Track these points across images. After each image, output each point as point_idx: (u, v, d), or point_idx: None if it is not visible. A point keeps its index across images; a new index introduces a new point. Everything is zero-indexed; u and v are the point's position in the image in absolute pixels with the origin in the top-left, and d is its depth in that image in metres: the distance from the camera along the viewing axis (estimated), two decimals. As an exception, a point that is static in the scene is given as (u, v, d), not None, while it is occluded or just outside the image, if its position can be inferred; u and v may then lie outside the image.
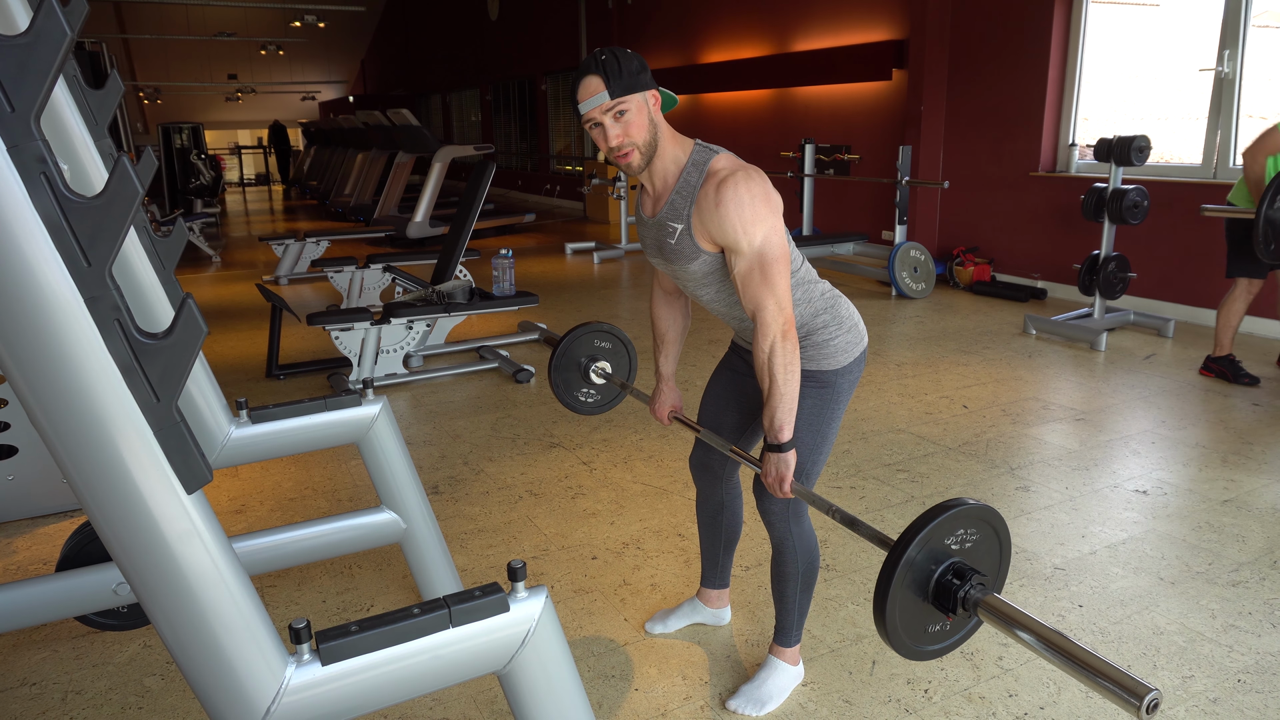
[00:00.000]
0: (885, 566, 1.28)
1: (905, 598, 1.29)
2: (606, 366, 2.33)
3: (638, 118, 1.67)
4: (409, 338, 4.68)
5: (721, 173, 1.68)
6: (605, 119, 1.66)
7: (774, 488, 1.76)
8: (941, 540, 1.30)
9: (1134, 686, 1.09)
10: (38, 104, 0.87)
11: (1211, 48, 5.51)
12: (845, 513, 1.56)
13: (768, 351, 1.69)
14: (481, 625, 1.23)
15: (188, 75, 24.53)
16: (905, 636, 1.31)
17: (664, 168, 1.75)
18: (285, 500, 3.27)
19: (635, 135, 1.69)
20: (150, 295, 1.94)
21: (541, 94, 14.94)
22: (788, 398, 1.71)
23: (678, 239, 1.75)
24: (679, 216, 1.74)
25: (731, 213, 1.65)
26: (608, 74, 1.63)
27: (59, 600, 1.99)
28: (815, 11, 8.48)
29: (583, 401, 2.36)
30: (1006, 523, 1.35)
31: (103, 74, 9.06)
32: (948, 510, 1.29)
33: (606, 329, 2.32)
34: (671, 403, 2.18)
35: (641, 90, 1.67)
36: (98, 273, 0.94)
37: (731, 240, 1.68)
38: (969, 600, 1.28)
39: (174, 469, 1.03)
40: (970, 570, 1.30)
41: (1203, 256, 5.58)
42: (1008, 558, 1.38)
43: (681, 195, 1.73)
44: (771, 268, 1.67)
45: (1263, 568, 2.61)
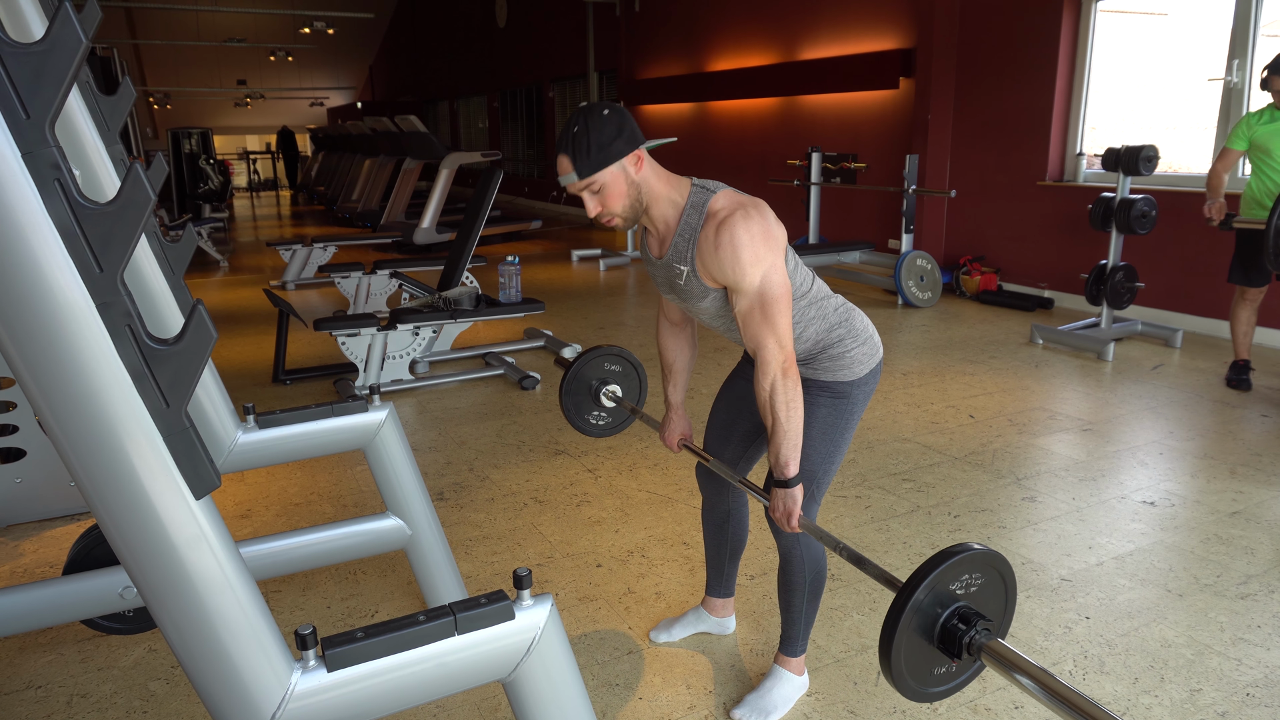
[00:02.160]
0: (892, 611, 1.30)
1: (911, 640, 1.31)
2: (617, 390, 2.34)
3: (613, 188, 1.68)
4: (415, 344, 4.69)
5: (720, 214, 1.68)
6: (582, 193, 1.69)
7: (781, 523, 1.77)
8: (947, 585, 1.32)
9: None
10: (52, 111, 0.88)
11: (1220, 57, 5.51)
12: (852, 550, 1.58)
13: (769, 390, 1.70)
14: (487, 633, 1.23)
15: (197, 80, 24.67)
16: (910, 679, 1.33)
17: (662, 213, 1.75)
18: (291, 505, 3.28)
19: (612, 205, 1.70)
20: (160, 301, 1.95)
21: (549, 101, 14.99)
22: (792, 435, 1.72)
23: (685, 280, 1.77)
24: (684, 259, 1.75)
25: (729, 256, 1.66)
26: (575, 154, 1.64)
27: (65, 603, 1.99)
28: (822, 20, 8.49)
29: (593, 424, 2.38)
30: (1013, 567, 1.37)
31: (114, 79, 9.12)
32: (954, 555, 1.30)
33: (616, 352, 2.33)
34: (681, 430, 2.18)
35: (614, 161, 1.65)
36: (110, 279, 0.94)
37: (731, 281, 1.69)
38: (974, 645, 1.30)
39: (183, 474, 1.04)
40: (975, 615, 1.32)
41: (1211, 267, 5.56)
42: (1013, 602, 1.40)
43: (683, 238, 1.74)
44: (772, 307, 1.68)
45: (1271, 580, 2.60)
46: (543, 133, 15.51)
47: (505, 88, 16.78)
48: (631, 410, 2.32)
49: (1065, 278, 6.48)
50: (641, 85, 11.67)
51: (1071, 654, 2.25)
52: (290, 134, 21.41)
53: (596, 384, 2.33)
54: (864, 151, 8.12)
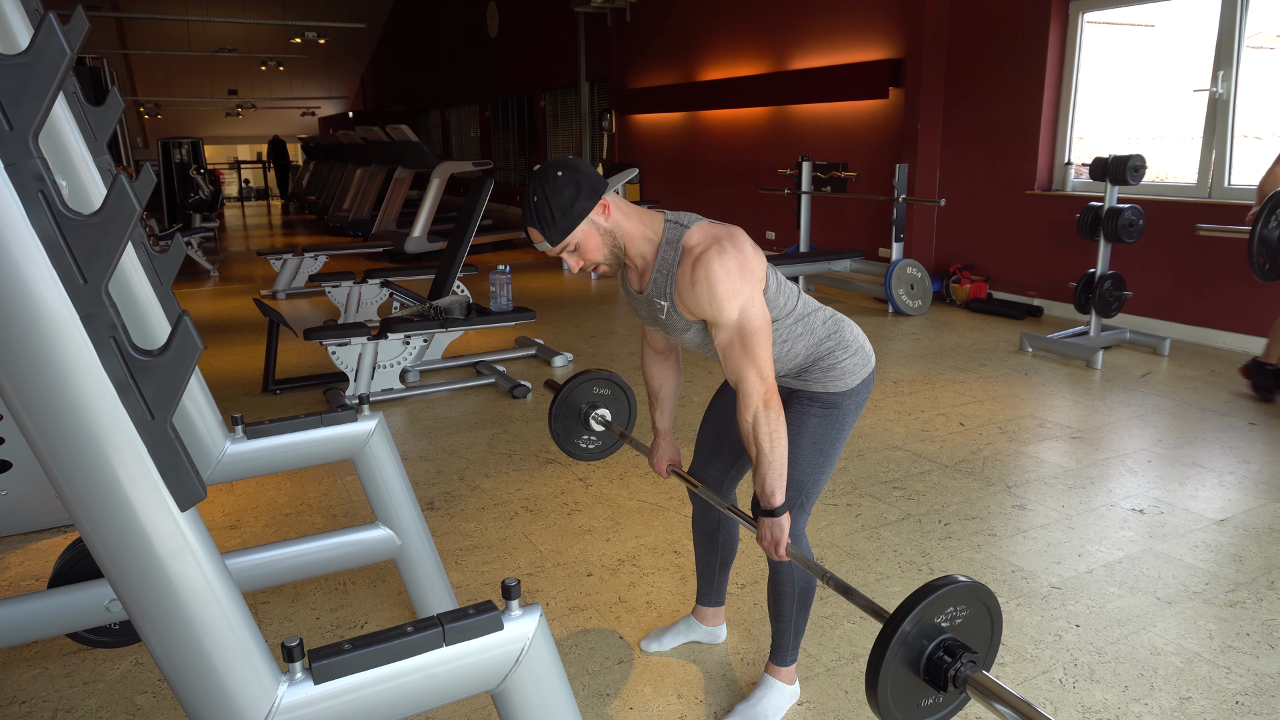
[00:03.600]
0: (878, 642, 1.32)
1: (898, 672, 1.33)
2: (606, 414, 2.35)
3: (588, 243, 1.70)
4: (406, 353, 4.68)
5: (696, 249, 1.69)
6: (561, 255, 1.71)
7: (769, 551, 1.78)
8: (933, 617, 1.33)
9: None
10: (36, 122, 0.88)
11: (1206, 68, 5.56)
12: (840, 580, 1.59)
13: (751, 421, 1.71)
14: (475, 644, 1.22)
15: (188, 90, 24.64)
16: (897, 711, 1.34)
17: (639, 250, 1.76)
18: (280, 516, 3.26)
19: (592, 257, 1.72)
20: (147, 311, 1.94)
21: (540, 110, 15.01)
22: (776, 465, 1.72)
23: (667, 315, 1.79)
24: (663, 294, 1.77)
25: (705, 292, 1.67)
26: (542, 225, 1.65)
27: (51, 617, 1.97)
28: (812, 30, 8.54)
29: (583, 448, 2.38)
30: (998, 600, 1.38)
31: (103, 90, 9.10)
32: (940, 588, 1.32)
33: (605, 376, 2.34)
34: (669, 457, 2.19)
35: (580, 220, 1.66)
36: (94, 290, 0.94)
37: (710, 316, 1.70)
38: (959, 677, 1.31)
39: (168, 486, 1.03)
40: (961, 647, 1.33)
41: (1198, 275, 5.60)
42: (999, 634, 1.41)
43: (661, 274, 1.75)
44: (751, 339, 1.68)
45: (1260, 588, 2.61)
46: (534, 142, 15.53)
47: (497, 97, 16.80)
48: (620, 435, 2.34)
49: (1054, 286, 6.52)
50: (633, 95, 11.70)
51: (1061, 662, 2.26)
52: (281, 143, 21.39)
53: (585, 408, 2.34)
54: (854, 160, 8.16)
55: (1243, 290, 5.37)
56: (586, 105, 13.45)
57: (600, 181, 1.68)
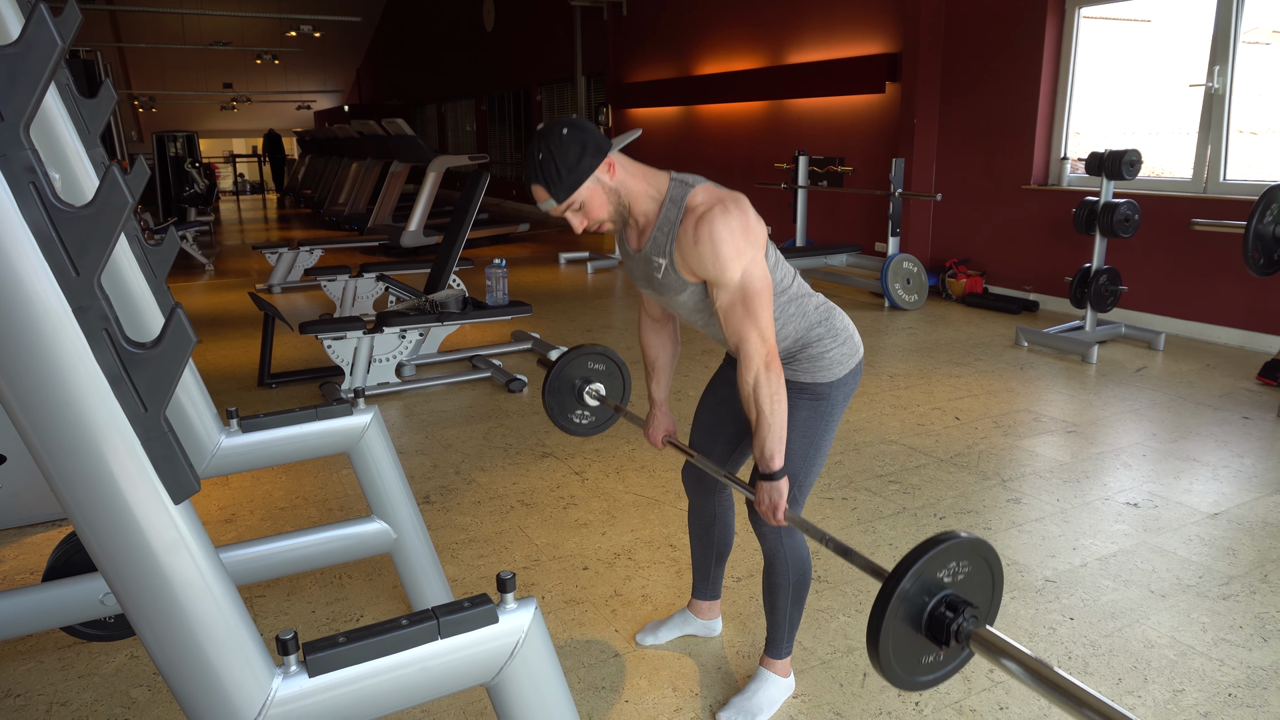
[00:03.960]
0: (879, 599, 1.30)
1: (899, 630, 1.31)
2: (600, 388, 2.34)
3: (593, 201, 1.69)
4: (402, 347, 4.67)
5: (699, 208, 1.68)
6: (565, 214, 1.70)
7: (767, 516, 1.77)
8: (934, 573, 1.32)
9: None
10: (27, 114, 0.87)
11: (1202, 63, 5.56)
12: (839, 542, 1.57)
13: (752, 383, 1.70)
14: (470, 637, 1.23)
15: (183, 84, 24.53)
16: (899, 668, 1.33)
17: (642, 209, 1.75)
18: (276, 509, 3.26)
19: (597, 215, 1.72)
20: (141, 304, 1.94)
21: (536, 104, 14.98)
22: (776, 427, 1.72)
23: (663, 273, 1.77)
24: (662, 252, 1.75)
25: (709, 250, 1.66)
26: (547, 181, 1.64)
27: (45, 610, 1.97)
28: (809, 25, 8.53)
29: (576, 423, 2.37)
30: (999, 555, 1.37)
31: (97, 82, 9.06)
32: (941, 543, 1.30)
33: (600, 351, 2.33)
34: (665, 427, 2.18)
35: (586, 178, 1.66)
36: (86, 282, 0.93)
37: (712, 276, 1.69)
38: (961, 632, 1.30)
39: (161, 479, 1.03)
40: (963, 603, 1.32)
41: (1193, 270, 5.61)
42: (1000, 590, 1.39)
43: (662, 231, 1.74)
44: (753, 300, 1.68)
45: (1253, 581, 2.62)
46: (530, 135, 15.47)
47: (493, 91, 16.76)
48: (615, 408, 2.32)
49: (1050, 281, 6.53)
50: (629, 89, 11.68)
51: (1056, 655, 2.26)
52: (277, 137, 21.31)
53: (580, 383, 2.33)
54: (850, 155, 8.15)
55: (1238, 285, 5.38)
56: (583, 99, 13.42)
57: (605, 140, 1.68)
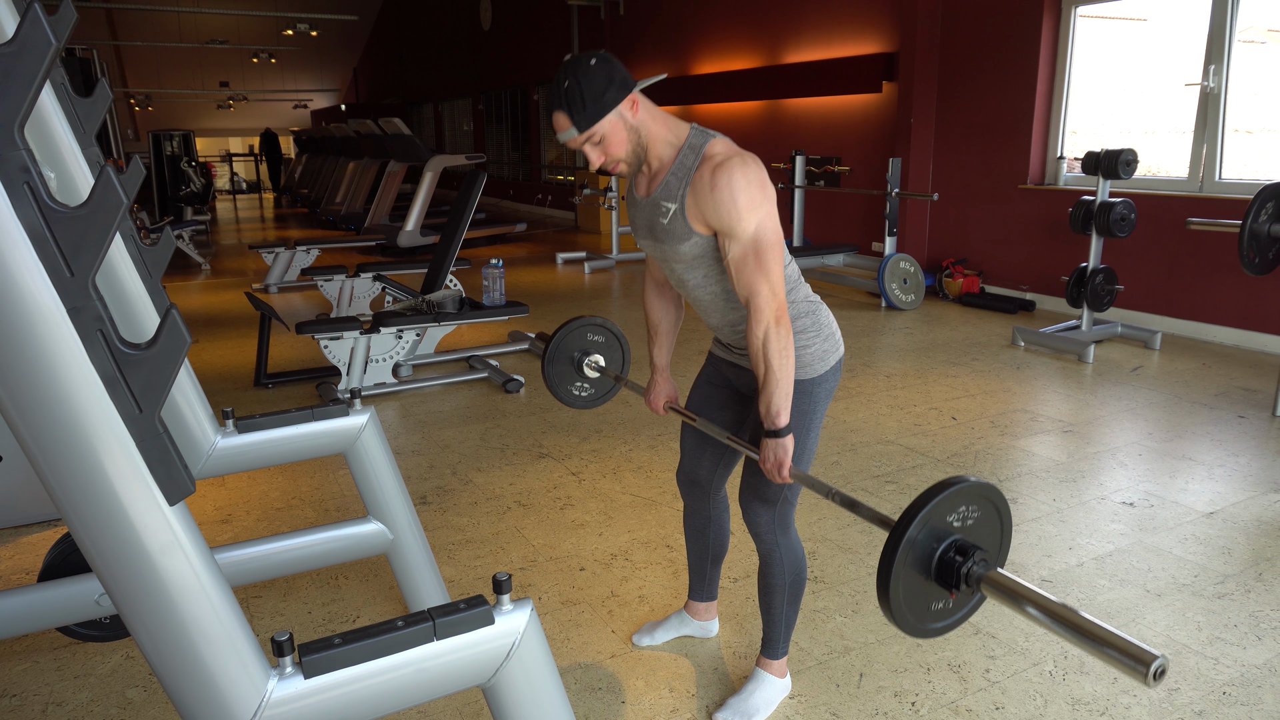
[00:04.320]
0: (888, 545, 1.27)
1: (908, 576, 1.28)
2: (600, 360, 2.32)
3: (613, 136, 1.68)
4: (398, 347, 4.67)
5: (717, 157, 1.68)
6: (583, 147, 1.69)
7: (773, 474, 1.75)
8: (943, 518, 1.29)
9: (1140, 654, 1.09)
10: (21, 113, 0.87)
11: (1198, 62, 5.57)
12: (845, 495, 1.56)
13: (761, 338, 1.69)
14: (466, 638, 1.22)
15: (180, 82, 24.49)
16: (910, 615, 1.30)
17: (658, 152, 1.75)
18: (272, 510, 3.25)
19: (615, 152, 1.71)
20: (136, 304, 1.93)
21: (533, 104, 14.97)
22: (784, 383, 1.71)
23: (670, 219, 1.75)
24: (673, 196, 1.73)
25: (726, 197, 1.65)
26: (571, 108, 1.64)
27: (41, 611, 1.97)
28: (806, 24, 8.53)
29: (576, 395, 2.35)
30: (1007, 499, 1.35)
31: (93, 81, 9.04)
32: (949, 488, 1.28)
33: (599, 322, 2.32)
34: (666, 394, 2.17)
35: (610, 110, 1.65)
36: (81, 283, 0.93)
37: (726, 225, 1.68)
38: (972, 576, 1.28)
39: (156, 480, 1.03)
40: (972, 547, 1.29)
41: (1189, 269, 5.62)
42: (1009, 534, 1.37)
43: (676, 176, 1.73)
44: (766, 254, 1.67)
45: (1248, 580, 2.62)
46: (527, 135, 15.49)
47: (490, 90, 16.75)
48: (616, 378, 2.32)
49: (1047, 280, 6.53)
50: (626, 88, 11.67)
51: (1052, 654, 2.27)
52: (273, 136, 21.28)
53: (579, 355, 2.31)
54: (847, 155, 8.16)
55: (1233, 284, 5.39)
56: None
57: (631, 78, 1.69)
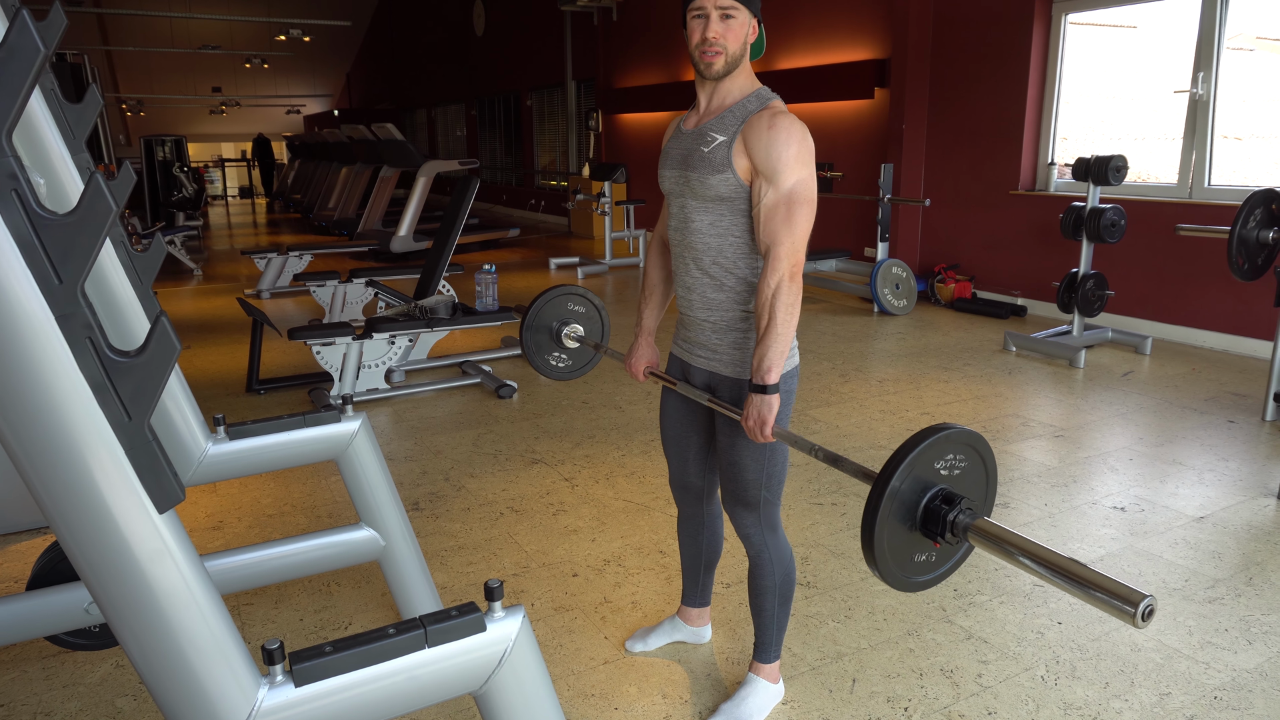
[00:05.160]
0: (871, 495, 1.25)
1: (893, 527, 1.27)
2: (579, 329, 2.32)
3: (739, 29, 1.76)
4: (391, 353, 4.66)
5: (778, 109, 1.77)
6: (714, 13, 1.73)
7: (754, 432, 1.74)
8: (929, 465, 1.28)
9: (1128, 594, 1.09)
10: (9, 120, 0.87)
11: (1186, 70, 5.61)
12: (827, 451, 1.56)
13: (774, 287, 1.71)
14: (457, 645, 1.22)
15: (171, 88, 24.42)
16: (896, 567, 1.29)
17: (729, 88, 1.81)
18: (264, 516, 3.24)
19: (730, 42, 1.76)
20: (127, 310, 1.93)
21: (527, 109, 14.98)
22: (783, 339, 1.72)
23: (714, 148, 1.79)
24: (725, 129, 1.78)
25: (782, 140, 1.71)
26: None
27: (29, 619, 1.95)
28: (798, 31, 8.56)
29: (553, 365, 2.34)
30: (991, 448, 1.34)
31: (84, 86, 9.01)
32: (934, 434, 1.27)
33: (579, 292, 2.31)
34: (648, 359, 2.16)
35: (754, 11, 1.76)
36: (69, 290, 0.93)
37: (771, 168, 1.72)
38: (958, 525, 1.26)
39: (145, 488, 1.02)
40: (958, 496, 1.28)
41: (1179, 275, 5.65)
42: (994, 484, 1.36)
43: (734, 114, 1.79)
44: (798, 210, 1.72)
45: (1238, 584, 2.63)
46: (520, 140, 15.50)
47: (483, 95, 16.75)
48: (595, 347, 2.31)
49: (1038, 285, 6.56)
50: (619, 94, 11.69)
51: (1044, 659, 2.27)
52: (266, 141, 21.25)
53: (558, 325, 2.30)
54: (840, 160, 8.18)
55: (1223, 290, 5.42)
56: (573, 104, 13.43)
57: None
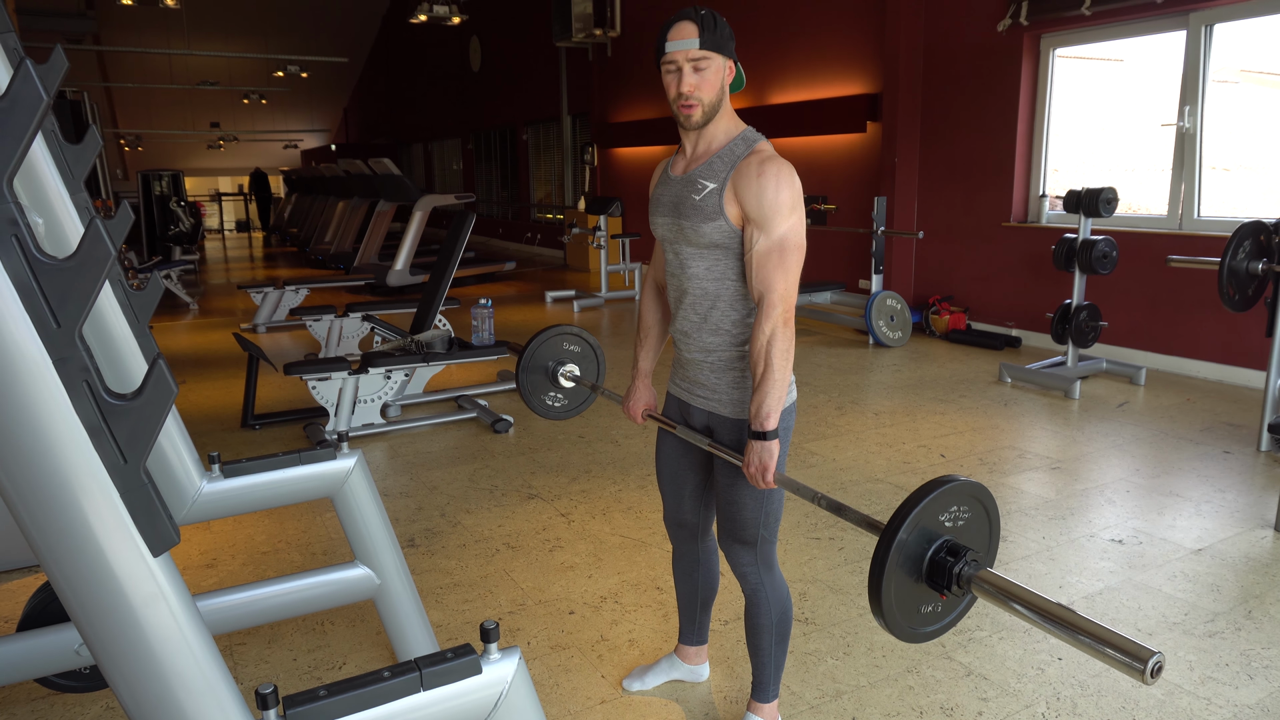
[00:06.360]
0: (879, 548, 1.26)
1: (899, 579, 1.27)
2: (575, 369, 2.32)
3: (713, 77, 1.76)
4: (387, 387, 4.66)
5: (766, 153, 1.77)
6: (686, 66, 1.74)
7: (756, 479, 1.74)
8: (934, 517, 1.28)
9: (1137, 651, 1.07)
10: (11, 167, 0.88)
11: (1173, 102, 5.69)
12: (831, 499, 1.56)
13: (768, 335, 1.72)
14: (453, 688, 1.21)
15: (170, 123, 24.63)
16: (902, 619, 1.29)
17: (713, 133, 1.82)
18: (258, 554, 3.22)
19: (705, 93, 1.76)
20: (123, 349, 1.93)
21: (522, 143, 15.12)
22: (780, 385, 1.72)
23: (704, 196, 1.79)
24: (714, 176, 1.79)
25: (771, 188, 1.72)
26: (703, 26, 1.72)
27: (18, 661, 1.93)
28: (791, 66, 8.68)
29: (550, 405, 2.33)
30: (995, 499, 1.34)
31: (83, 123, 9.08)
32: (939, 487, 1.27)
33: (574, 332, 2.31)
34: (645, 402, 2.15)
35: (727, 54, 1.76)
36: (67, 334, 0.93)
37: (762, 215, 1.73)
38: (963, 577, 1.27)
39: (140, 531, 1.02)
40: (963, 548, 1.29)
41: (1171, 306, 5.69)
42: (997, 534, 1.36)
43: (722, 159, 1.79)
44: (790, 255, 1.73)
45: (1238, 618, 2.62)
46: (516, 174, 15.62)
47: (479, 130, 16.91)
48: (592, 388, 2.31)
49: (1032, 316, 6.59)
50: (614, 128, 11.81)
51: (1044, 695, 2.25)
52: (263, 176, 21.38)
53: (554, 364, 2.30)
54: (833, 193, 8.26)
55: (1216, 320, 5.46)
56: (568, 138, 13.56)
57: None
